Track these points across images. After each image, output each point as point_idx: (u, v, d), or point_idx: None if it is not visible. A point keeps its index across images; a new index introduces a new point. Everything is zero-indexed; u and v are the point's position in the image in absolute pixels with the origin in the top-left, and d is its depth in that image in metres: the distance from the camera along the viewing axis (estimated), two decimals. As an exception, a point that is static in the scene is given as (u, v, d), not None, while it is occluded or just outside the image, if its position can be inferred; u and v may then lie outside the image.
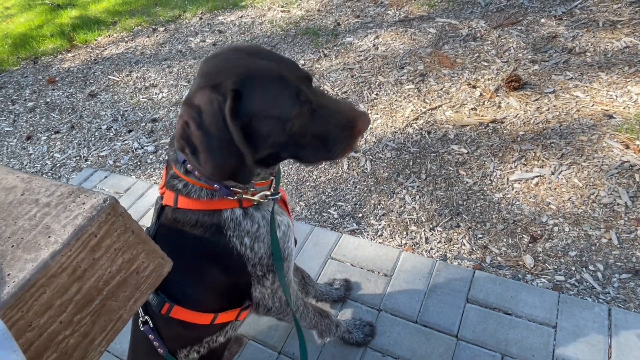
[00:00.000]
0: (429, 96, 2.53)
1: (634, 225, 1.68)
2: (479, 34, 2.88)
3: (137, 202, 2.32)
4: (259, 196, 0.97)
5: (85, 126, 3.15)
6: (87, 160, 2.82)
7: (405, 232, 1.87)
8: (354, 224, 1.95)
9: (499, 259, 1.69)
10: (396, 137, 2.34)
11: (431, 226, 1.86)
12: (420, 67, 2.75)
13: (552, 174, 1.94)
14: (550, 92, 2.32)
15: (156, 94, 3.30)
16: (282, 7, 4.01)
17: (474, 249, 1.74)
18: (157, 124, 2.97)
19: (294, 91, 0.84)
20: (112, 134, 2.99)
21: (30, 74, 4.12)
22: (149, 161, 2.67)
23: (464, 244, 1.77)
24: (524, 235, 1.74)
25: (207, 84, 0.82)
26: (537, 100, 2.30)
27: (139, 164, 2.67)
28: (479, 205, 1.90)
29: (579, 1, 2.88)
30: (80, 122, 3.21)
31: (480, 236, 1.78)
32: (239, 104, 0.81)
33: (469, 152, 2.14)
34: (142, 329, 1.02)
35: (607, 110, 2.13)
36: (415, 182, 2.08)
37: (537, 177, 1.94)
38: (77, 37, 4.54)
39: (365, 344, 1.47)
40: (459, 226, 1.84)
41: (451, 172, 2.08)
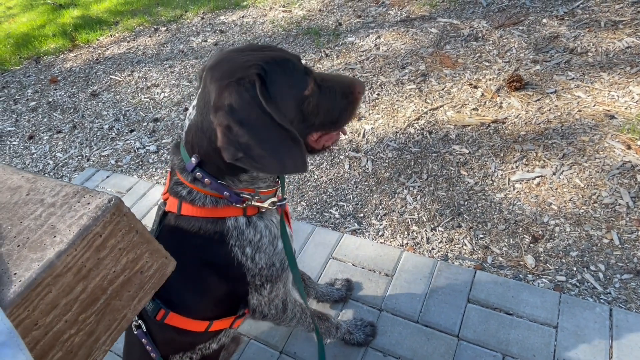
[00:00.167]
0: (430, 96, 2.53)
1: (635, 225, 1.68)
2: (480, 34, 2.88)
3: (139, 201, 2.33)
4: (266, 203, 0.98)
5: (87, 126, 3.16)
6: (89, 159, 2.83)
7: (406, 232, 1.87)
8: (355, 224, 1.96)
9: (500, 259, 1.69)
10: (397, 137, 2.34)
11: (432, 226, 1.87)
12: (421, 67, 2.76)
13: (554, 174, 1.94)
14: (551, 93, 2.32)
15: (158, 93, 3.31)
16: (284, 7, 4.01)
17: (475, 249, 1.75)
18: (159, 123, 2.98)
19: (302, 70, 0.89)
20: (114, 134, 3.00)
21: (32, 73, 4.14)
22: (151, 161, 2.68)
23: (465, 244, 1.77)
24: (525, 235, 1.75)
25: (229, 81, 0.81)
26: (538, 100, 2.30)
27: (140, 163, 2.68)
28: (480, 205, 1.90)
29: (581, 1, 2.87)
30: (82, 122, 3.22)
31: (481, 236, 1.79)
32: (265, 89, 0.82)
33: (470, 152, 2.14)
34: (136, 332, 1.02)
35: (608, 110, 2.13)
36: (416, 182, 2.08)
37: (538, 177, 1.94)
38: (79, 36, 4.55)
39: (366, 344, 1.47)
40: (460, 226, 1.84)
41: (452, 172, 2.08)
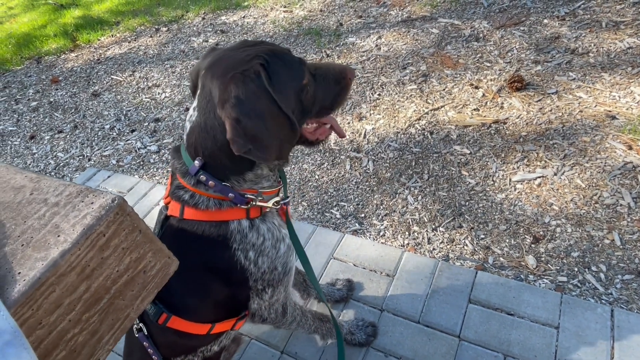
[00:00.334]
0: (431, 96, 2.53)
1: (636, 226, 1.68)
2: (481, 35, 2.88)
3: (140, 201, 2.33)
4: (270, 203, 0.98)
5: (88, 126, 3.17)
6: (90, 159, 2.83)
7: (407, 233, 1.87)
8: (356, 224, 1.96)
9: (502, 259, 1.69)
10: (398, 138, 2.34)
11: (433, 226, 1.87)
12: (422, 68, 2.76)
13: (555, 174, 1.94)
14: (553, 93, 2.32)
15: (159, 93, 3.31)
16: (285, 7, 4.01)
17: (476, 249, 1.75)
18: (160, 123, 2.98)
19: (297, 61, 0.91)
20: (115, 134, 3.00)
21: (33, 73, 4.14)
22: (152, 161, 2.68)
23: (467, 245, 1.77)
24: (526, 235, 1.75)
25: (233, 73, 0.81)
26: (539, 100, 2.30)
27: (141, 163, 2.68)
28: (481, 205, 1.90)
29: (582, 2, 2.87)
30: (83, 122, 3.23)
31: (482, 237, 1.79)
32: (269, 79, 0.83)
33: (471, 153, 2.14)
34: (137, 335, 1.02)
35: (610, 111, 2.13)
36: (417, 182, 2.08)
37: (539, 177, 1.94)
38: (80, 37, 4.56)
39: (367, 344, 1.48)
40: (461, 227, 1.84)
41: (453, 172, 2.08)
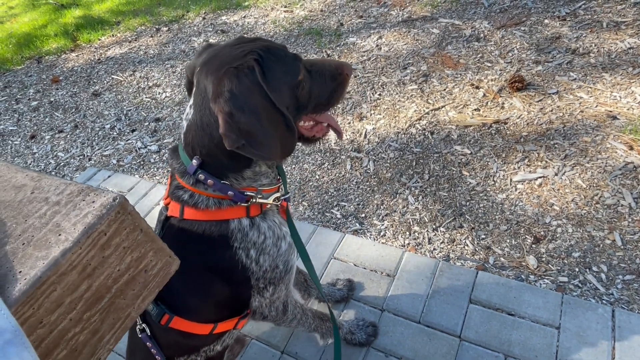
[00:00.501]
0: (432, 96, 2.53)
1: (637, 226, 1.67)
2: (482, 35, 2.88)
3: (141, 201, 2.33)
4: (270, 199, 0.98)
5: (88, 125, 3.17)
6: (90, 159, 2.83)
7: (408, 233, 1.87)
8: (356, 224, 1.96)
9: (502, 259, 1.69)
10: (399, 138, 2.34)
11: (434, 227, 1.87)
12: (423, 68, 2.76)
13: (556, 174, 1.93)
14: (553, 93, 2.31)
15: (159, 93, 3.31)
16: (285, 7, 4.01)
17: (477, 249, 1.75)
18: (160, 123, 2.98)
19: (293, 57, 0.90)
20: (115, 134, 3.00)
21: (34, 73, 4.14)
22: (152, 160, 2.68)
23: (467, 245, 1.77)
24: (527, 236, 1.74)
25: (227, 67, 0.81)
26: (540, 101, 2.30)
27: (142, 163, 2.68)
28: (482, 205, 1.90)
29: (583, 2, 2.87)
30: (83, 122, 3.23)
31: (483, 237, 1.78)
32: (263, 75, 0.83)
33: (472, 153, 2.14)
34: (140, 336, 1.02)
35: (610, 111, 2.13)
36: (418, 182, 2.08)
37: (540, 178, 1.94)
38: (81, 36, 4.56)
39: (368, 344, 1.47)
40: (462, 227, 1.84)
41: (454, 172, 2.08)
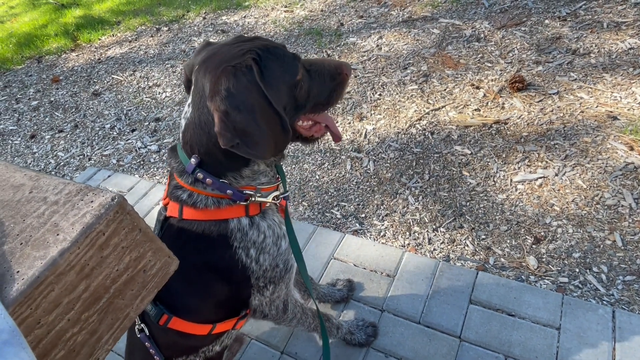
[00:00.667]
0: (432, 97, 2.53)
1: (638, 227, 1.67)
2: (482, 35, 2.88)
3: (140, 201, 2.33)
4: (269, 198, 0.98)
5: (88, 125, 3.16)
6: (90, 159, 2.83)
7: (408, 233, 1.87)
8: (357, 224, 1.95)
9: (502, 260, 1.69)
10: (399, 138, 2.33)
11: (434, 227, 1.86)
12: (423, 68, 2.75)
13: (556, 175, 1.93)
14: (554, 93, 2.31)
15: (159, 93, 3.31)
16: (286, 7, 4.01)
17: (477, 250, 1.74)
18: (160, 123, 2.98)
19: (291, 56, 0.90)
20: (115, 133, 3.00)
21: (34, 73, 4.14)
22: (152, 160, 2.68)
23: (467, 245, 1.77)
24: (527, 236, 1.74)
25: (225, 66, 0.80)
26: (541, 101, 2.30)
27: (142, 163, 2.68)
28: (482, 206, 1.90)
29: (583, 2, 2.87)
30: (83, 121, 3.22)
31: (483, 237, 1.78)
32: (261, 74, 0.82)
33: (472, 153, 2.14)
34: (139, 336, 1.02)
35: (611, 111, 2.13)
36: (418, 182, 2.07)
37: (540, 178, 1.94)
38: (81, 36, 4.56)
39: (367, 344, 1.47)
40: (462, 227, 1.84)
41: (454, 172, 2.07)
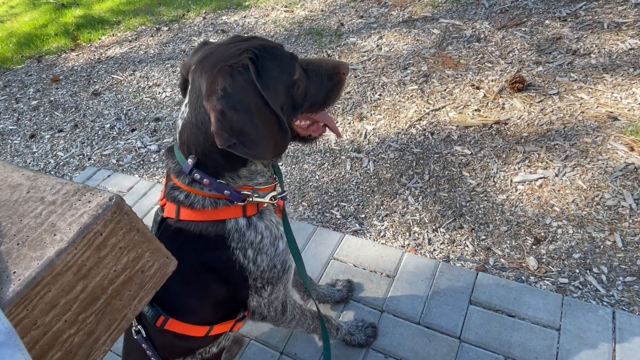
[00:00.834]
0: (432, 97, 2.52)
1: (638, 227, 1.67)
2: (482, 35, 2.87)
3: (140, 201, 2.32)
4: (267, 198, 0.97)
5: (88, 125, 3.16)
6: (90, 159, 2.83)
7: (408, 233, 1.86)
8: (356, 225, 1.95)
9: (502, 260, 1.68)
10: (399, 138, 2.33)
11: (434, 227, 1.86)
12: (423, 68, 2.75)
13: (556, 175, 1.93)
14: (554, 94, 2.31)
15: (159, 93, 3.31)
16: (286, 7, 4.01)
17: (477, 250, 1.74)
18: (160, 123, 2.98)
19: (289, 56, 0.90)
20: (115, 133, 3.00)
21: (34, 72, 4.14)
22: (152, 160, 2.67)
23: (467, 246, 1.76)
24: (527, 237, 1.74)
25: (222, 65, 0.80)
26: (541, 101, 2.29)
27: (141, 163, 2.67)
28: (482, 206, 1.89)
29: (584, 2, 2.87)
30: (83, 121, 3.22)
31: (483, 238, 1.78)
32: (258, 74, 0.82)
33: (472, 154, 2.13)
34: (135, 337, 1.01)
35: (611, 112, 2.12)
36: (418, 183, 2.07)
37: (540, 178, 1.93)
38: (81, 36, 4.55)
39: (367, 345, 1.47)
40: (462, 227, 1.83)
41: (454, 173, 2.07)
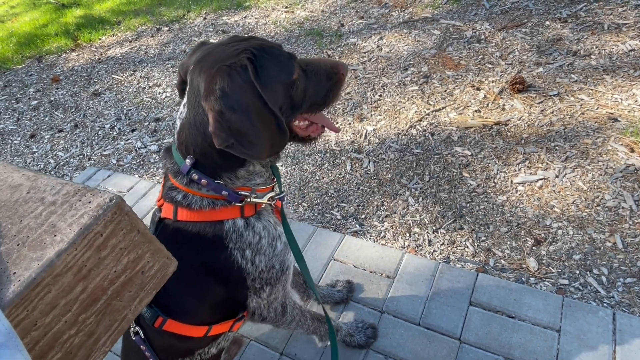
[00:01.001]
0: (432, 98, 2.52)
1: (638, 229, 1.67)
2: (483, 36, 2.87)
3: (140, 201, 2.32)
4: (265, 199, 0.97)
5: (88, 125, 3.16)
6: (90, 159, 2.83)
7: (408, 234, 1.86)
8: (356, 225, 1.95)
9: (503, 261, 1.68)
10: (399, 139, 2.33)
11: (434, 228, 1.86)
12: (424, 69, 2.75)
13: (556, 176, 1.93)
14: (554, 95, 2.31)
15: (159, 93, 3.31)
16: (286, 7, 4.01)
17: (477, 251, 1.74)
18: (160, 123, 2.98)
19: (287, 56, 0.89)
20: (115, 133, 3.00)
21: (34, 72, 4.14)
22: (152, 160, 2.67)
23: (467, 247, 1.76)
24: (527, 238, 1.74)
25: (220, 65, 0.80)
26: (541, 102, 2.29)
27: (141, 163, 2.67)
28: (482, 207, 1.89)
29: (584, 4, 2.87)
30: (83, 121, 3.22)
31: (483, 239, 1.78)
32: (256, 74, 0.82)
33: (472, 154, 2.13)
34: (134, 339, 1.01)
35: (612, 113, 2.12)
36: (418, 183, 2.07)
37: (541, 179, 1.93)
38: (82, 36, 4.55)
39: (367, 346, 1.47)
40: (462, 228, 1.83)
41: (455, 174, 2.07)
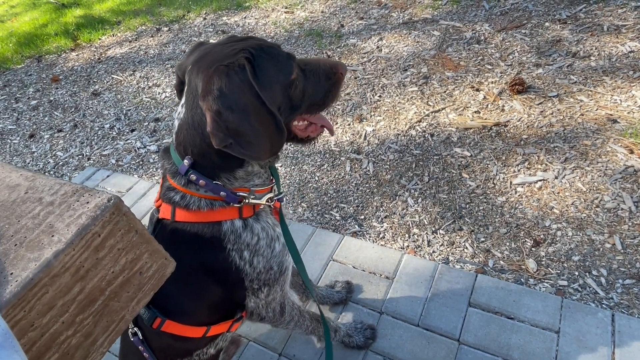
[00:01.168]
0: (432, 99, 2.53)
1: (638, 230, 1.66)
2: (483, 37, 2.88)
3: (139, 201, 2.32)
4: (264, 200, 0.97)
5: (88, 125, 3.16)
6: (89, 159, 2.83)
7: (407, 235, 1.86)
8: (356, 226, 1.95)
9: (502, 262, 1.68)
10: (399, 140, 2.33)
11: (433, 229, 1.86)
12: (423, 70, 2.75)
13: (556, 178, 1.93)
14: (554, 96, 2.31)
15: (159, 93, 3.31)
16: (286, 8, 4.01)
17: (477, 252, 1.74)
18: (159, 123, 2.97)
19: (286, 56, 0.89)
20: (114, 133, 3.00)
21: (34, 72, 4.14)
22: (152, 161, 2.67)
23: (467, 248, 1.76)
24: (526, 239, 1.74)
25: (218, 65, 0.80)
26: (541, 104, 2.29)
27: (141, 163, 2.67)
28: (481, 208, 1.89)
29: (584, 5, 2.87)
30: (83, 121, 3.22)
31: (482, 240, 1.78)
32: (254, 74, 0.81)
33: (472, 155, 2.13)
34: (132, 339, 1.01)
35: (611, 114, 2.12)
36: (417, 184, 2.07)
37: (540, 181, 1.93)
38: (81, 36, 4.55)
39: (366, 347, 1.46)
40: (461, 229, 1.83)
41: (454, 175, 2.07)
